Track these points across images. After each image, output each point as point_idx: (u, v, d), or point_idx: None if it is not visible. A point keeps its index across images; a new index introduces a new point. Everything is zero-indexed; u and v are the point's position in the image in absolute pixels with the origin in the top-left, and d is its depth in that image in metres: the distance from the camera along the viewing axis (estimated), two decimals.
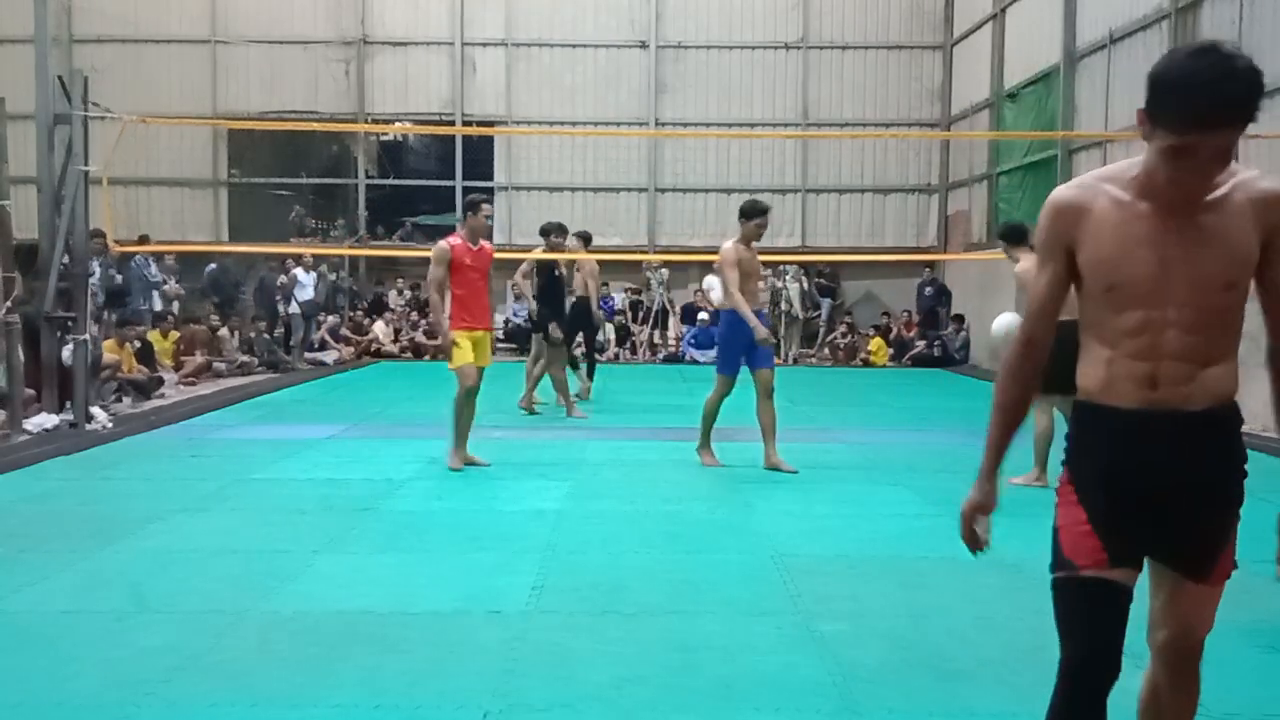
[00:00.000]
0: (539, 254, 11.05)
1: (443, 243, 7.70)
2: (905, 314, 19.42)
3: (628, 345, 18.99)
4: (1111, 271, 2.35)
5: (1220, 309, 2.54)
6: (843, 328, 19.14)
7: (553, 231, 10.75)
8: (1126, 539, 2.50)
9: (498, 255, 8.37)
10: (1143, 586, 2.60)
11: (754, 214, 8.17)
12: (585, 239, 11.89)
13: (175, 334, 13.93)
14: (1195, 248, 2.32)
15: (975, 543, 2.81)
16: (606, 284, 19.36)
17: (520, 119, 19.95)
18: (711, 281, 19.22)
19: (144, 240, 11.91)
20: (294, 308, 16.43)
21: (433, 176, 21.60)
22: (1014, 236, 7.65)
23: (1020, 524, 6.22)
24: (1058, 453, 2.58)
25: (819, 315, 19.64)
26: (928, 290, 19.10)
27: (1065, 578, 2.48)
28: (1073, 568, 2.46)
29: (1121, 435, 2.47)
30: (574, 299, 11.32)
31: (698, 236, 20.12)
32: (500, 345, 17.63)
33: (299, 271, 16.54)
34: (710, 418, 8.07)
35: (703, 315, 18.59)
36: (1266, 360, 2.74)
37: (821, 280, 19.82)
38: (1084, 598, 2.52)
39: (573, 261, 11.19)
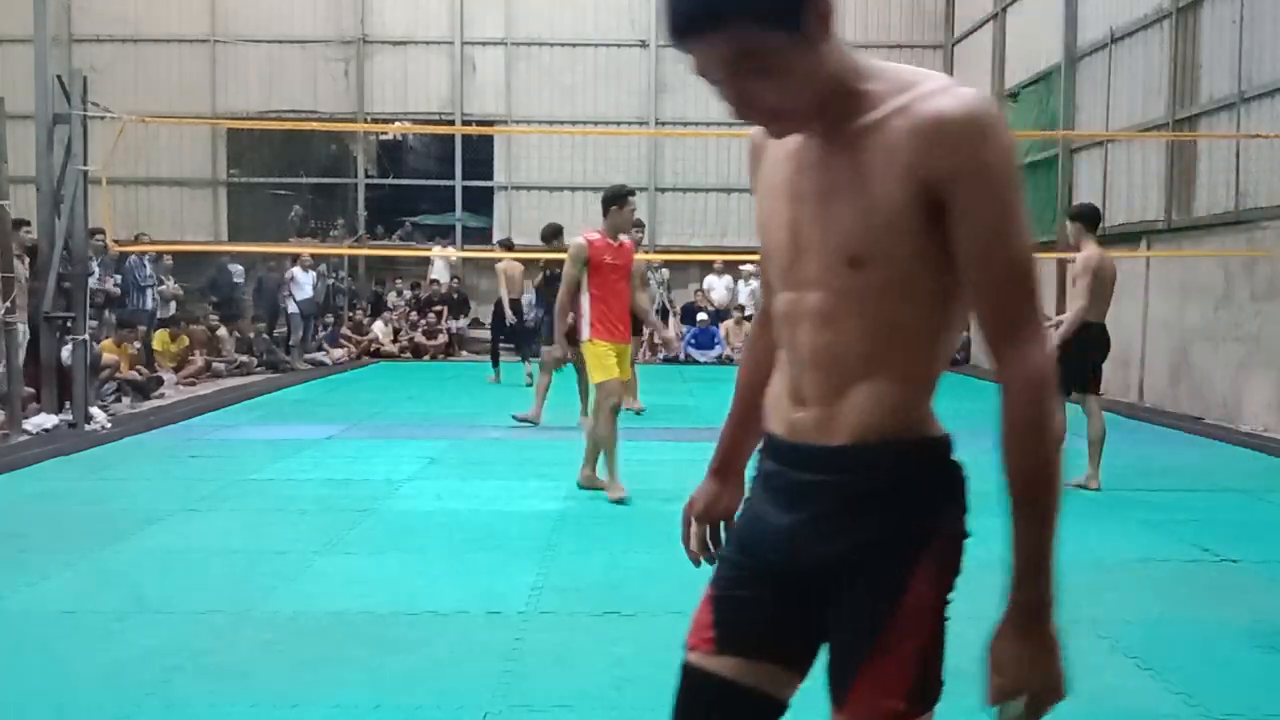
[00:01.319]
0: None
1: (580, 238, 6.77)
2: None
3: None
4: (761, 235, 1.66)
5: (852, 295, 1.52)
6: None
7: (552, 235, 10.82)
8: (747, 619, 1.76)
9: (494, 255, 8.33)
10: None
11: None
12: (507, 245, 11.93)
13: (185, 339, 13.92)
14: (823, 204, 1.51)
15: (689, 552, 2.14)
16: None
17: (520, 118, 19.95)
18: (712, 281, 19.26)
19: (140, 239, 11.88)
20: (293, 308, 16.43)
21: (432, 176, 21.60)
22: (1089, 218, 7.17)
23: None
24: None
25: None
26: None
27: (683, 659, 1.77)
28: (685, 646, 1.79)
29: (764, 473, 1.74)
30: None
31: (698, 236, 20.11)
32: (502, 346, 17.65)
33: (297, 270, 16.54)
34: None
35: (702, 315, 18.59)
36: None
37: None
38: (680, 690, 1.81)
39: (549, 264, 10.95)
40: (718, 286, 19.07)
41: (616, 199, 6.79)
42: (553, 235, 10.87)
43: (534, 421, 10.01)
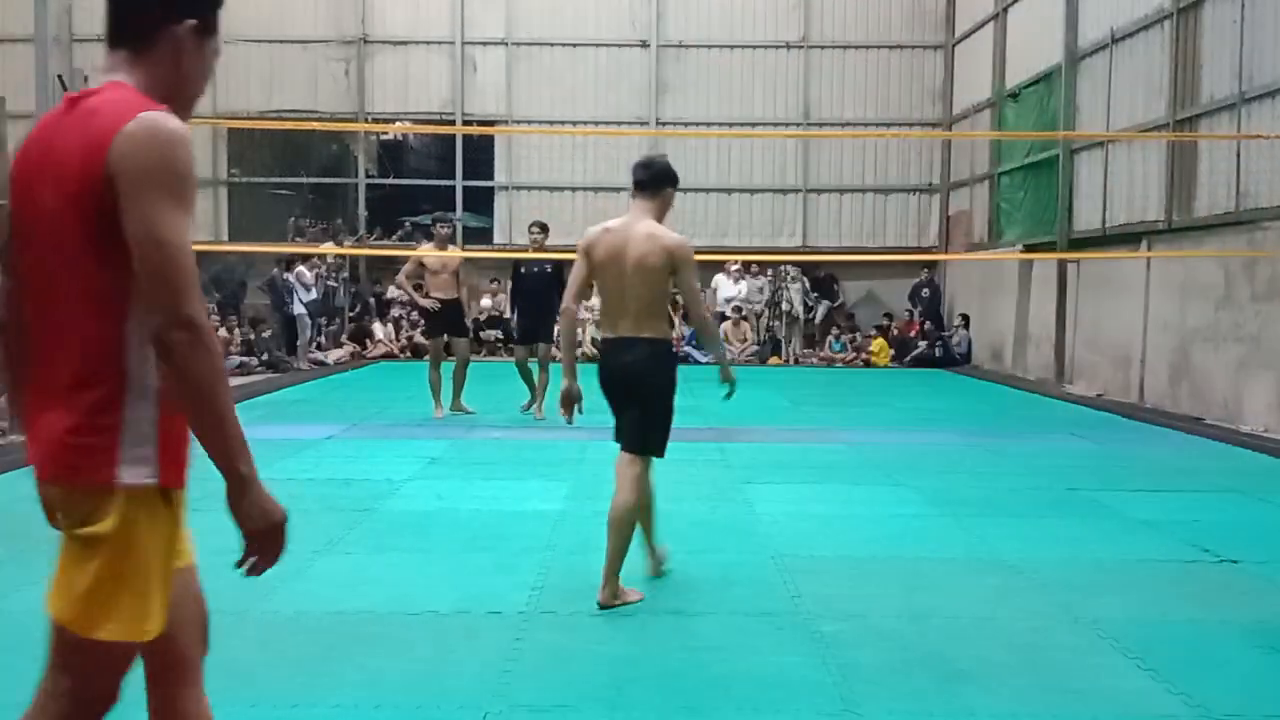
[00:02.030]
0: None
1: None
2: (907, 314, 19.43)
3: None
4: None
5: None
6: (849, 336, 19.10)
7: (540, 229, 10.71)
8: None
9: (493, 255, 8.33)
10: None
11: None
12: (446, 237, 11.35)
13: None
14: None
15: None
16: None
17: (521, 118, 19.95)
18: (717, 280, 19.26)
19: None
20: (299, 309, 16.44)
21: (433, 176, 21.60)
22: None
23: (1020, 524, 6.24)
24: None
25: (814, 316, 19.56)
26: (925, 292, 19.10)
27: None
28: None
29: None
30: (443, 301, 10.65)
31: (699, 236, 20.08)
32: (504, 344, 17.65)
33: (304, 269, 16.55)
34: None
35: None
36: None
37: (809, 279, 19.60)
38: None
39: (536, 261, 10.53)
40: (722, 286, 19.03)
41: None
42: (542, 229, 10.74)
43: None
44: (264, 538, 2.10)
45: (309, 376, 15.01)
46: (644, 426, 4.68)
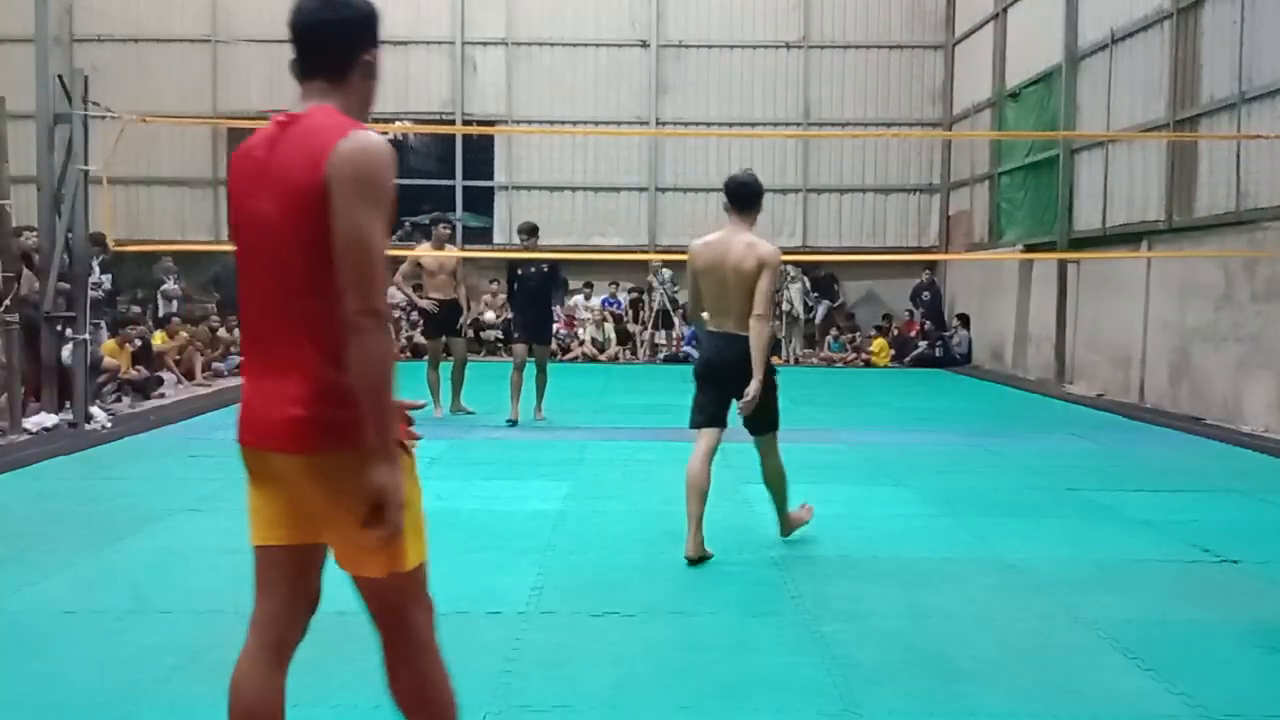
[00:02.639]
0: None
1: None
2: (908, 314, 19.42)
3: (629, 345, 18.97)
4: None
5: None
6: (848, 336, 19.09)
7: (529, 233, 10.60)
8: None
9: (492, 255, 8.30)
10: None
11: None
12: (444, 235, 11.34)
13: (183, 333, 13.89)
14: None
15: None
16: (573, 283, 19.39)
17: (521, 118, 19.95)
18: None
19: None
20: None
21: (433, 176, 21.60)
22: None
23: (1020, 524, 6.24)
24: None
25: (814, 316, 19.54)
26: (925, 294, 19.09)
27: None
28: None
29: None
30: (441, 301, 10.74)
31: (699, 236, 20.06)
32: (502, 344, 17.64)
33: None
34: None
35: (704, 315, 18.55)
36: None
37: (809, 278, 19.56)
38: None
39: (531, 262, 10.44)
40: None
41: None
42: (530, 232, 10.59)
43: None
44: (395, 510, 2.29)
45: None
46: (758, 411, 5.31)
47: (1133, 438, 9.97)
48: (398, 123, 20.65)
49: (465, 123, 19.71)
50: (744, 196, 5.51)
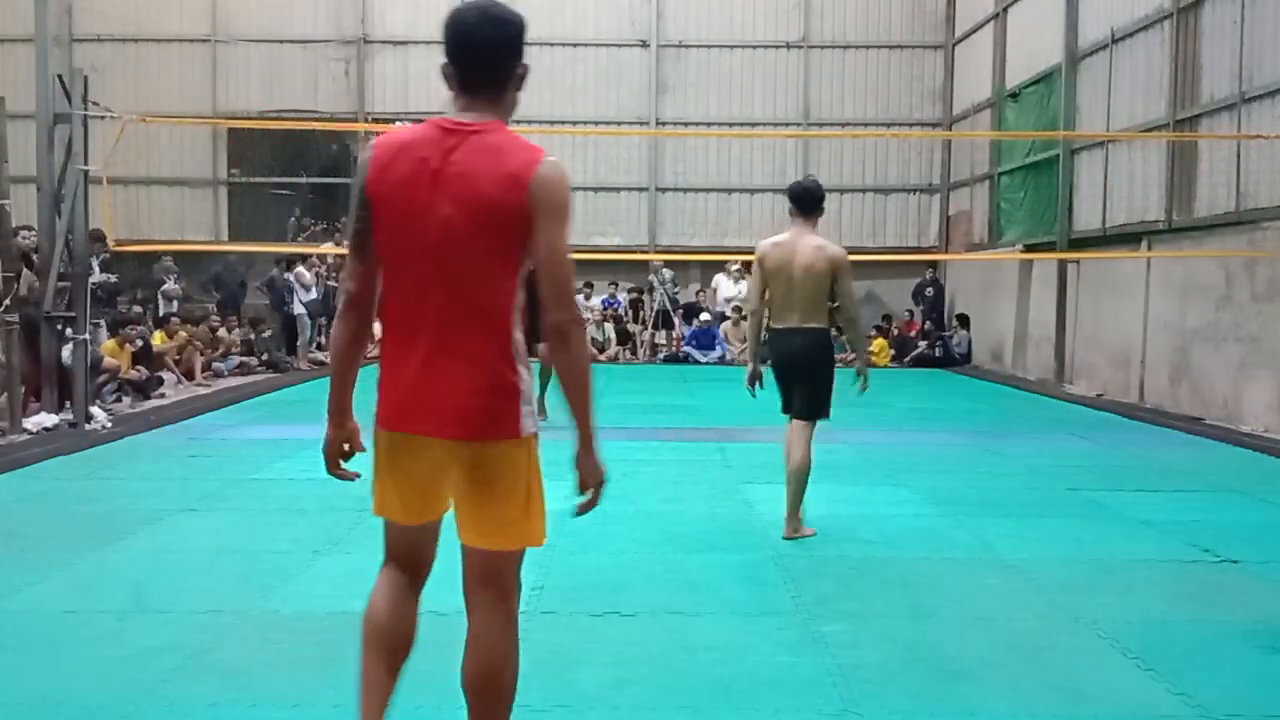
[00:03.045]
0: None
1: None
2: (907, 314, 19.41)
3: (629, 345, 18.97)
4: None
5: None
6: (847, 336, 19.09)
7: None
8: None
9: None
10: None
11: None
12: None
13: (182, 333, 13.89)
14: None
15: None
16: (589, 285, 19.37)
17: (520, 118, 19.59)
18: (717, 280, 19.25)
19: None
20: (299, 309, 16.44)
21: None
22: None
23: (1020, 524, 6.24)
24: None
25: None
26: (928, 291, 19.09)
27: None
28: None
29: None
30: None
31: (698, 236, 20.11)
32: None
33: (303, 270, 16.55)
34: None
35: (705, 315, 18.58)
36: None
37: None
38: None
39: None
40: (723, 285, 18.98)
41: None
42: None
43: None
44: (598, 487, 2.67)
45: (309, 376, 15.01)
46: (812, 398, 5.85)
47: (1133, 438, 9.97)
48: (397, 123, 20.64)
49: None
50: (807, 201, 5.86)
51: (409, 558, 2.76)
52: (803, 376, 5.84)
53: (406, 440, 2.57)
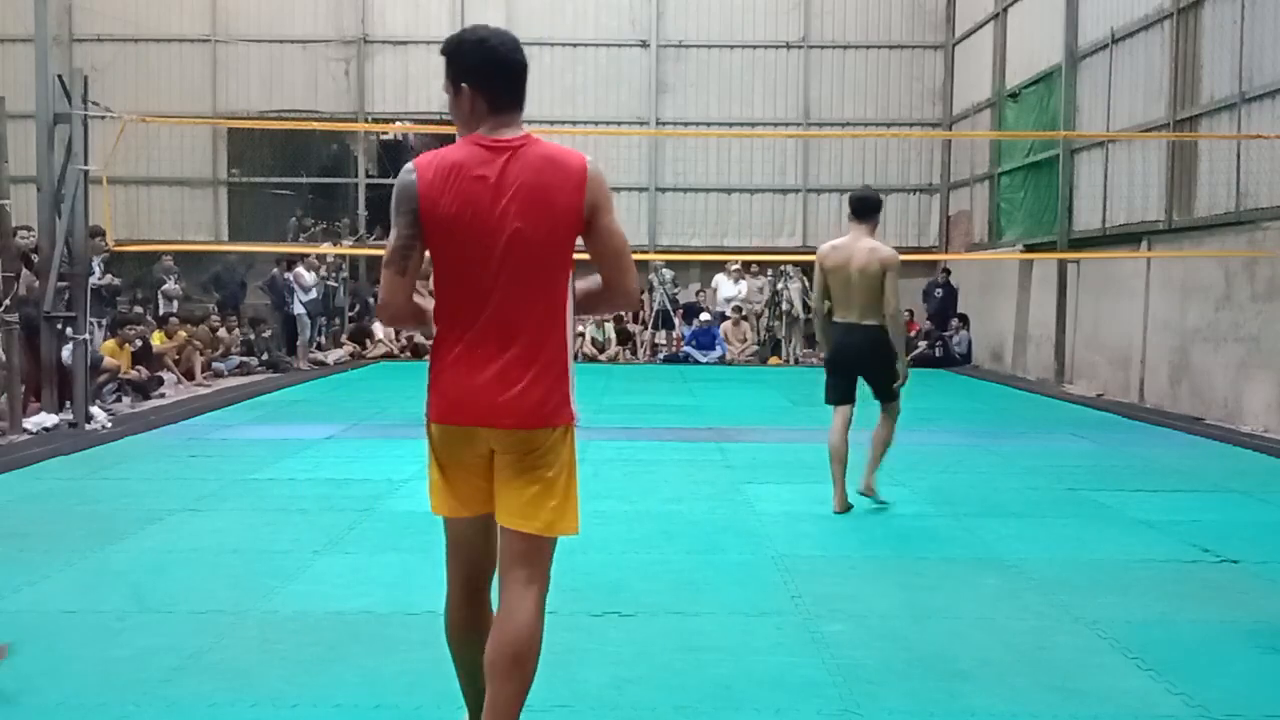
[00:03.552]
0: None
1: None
2: (907, 314, 19.37)
3: (629, 345, 18.97)
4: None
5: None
6: None
7: None
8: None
9: None
10: None
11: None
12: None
13: (182, 333, 13.89)
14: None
15: None
16: None
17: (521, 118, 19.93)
18: (717, 280, 19.26)
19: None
20: (298, 309, 16.44)
21: None
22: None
23: (1020, 524, 6.24)
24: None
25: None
26: (938, 292, 19.04)
27: None
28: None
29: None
30: None
31: (698, 236, 20.11)
32: None
33: (302, 270, 16.55)
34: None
35: (705, 315, 18.58)
36: None
37: (809, 278, 19.55)
38: None
39: None
40: (723, 285, 18.98)
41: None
42: None
43: None
44: None
45: (309, 376, 15.01)
46: (880, 384, 6.55)
47: (1133, 438, 9.96)
48: (398, 123, 20.66)
49: None
50: (863, 209, 6.55)
51: (472, 555, 2.87)
52: (865, 368, 6.48)
53: (466, 432, 2.73)
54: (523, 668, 2.76)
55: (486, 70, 2.77)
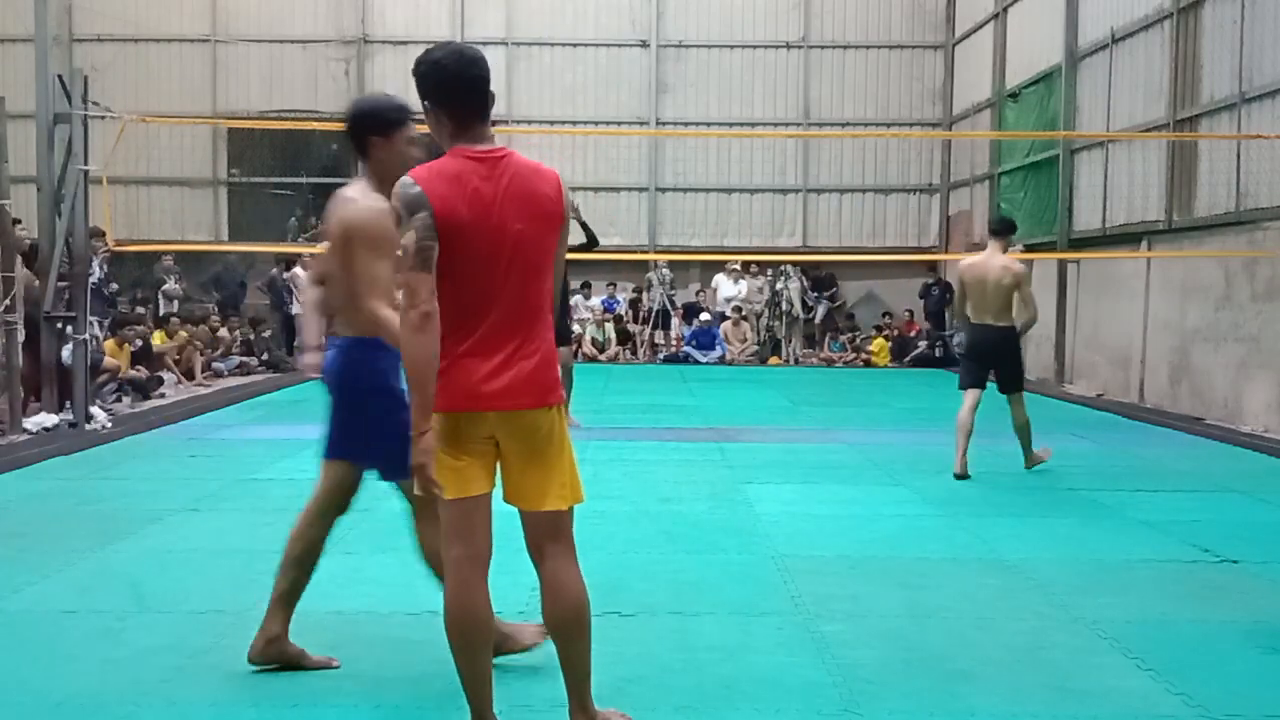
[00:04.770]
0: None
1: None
2: (907, 314, 19.40)
3: (629, 345, 18.97)
4: None
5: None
6: (847, 336, 19.08)
7: None
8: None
9: None
10: None
11: None
12: None
13: (183, 333, 13.89)
14: None
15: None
16: (588, 285, 19.39)
17: (521, 118, 19.95)
18: (717, 280, 19.26)
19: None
20: (296, 308, 16.43)
21: None
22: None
23: (1020, 524, 6.24)
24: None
25: (814, 316, 19.53)
26: (934, 291, 19.04)
27: None
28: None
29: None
30: None
31: (698, 236, 20.11)
32: None
33: (299, 270, 16.54)
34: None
35: (704, 315, 18.58)
36: None
37: (809, 278, 19.51)
38: None
39: None
40: (724, 285, 18.97)
41: None
42: None
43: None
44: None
45: (308, 377, 14.99)
46: (1010, 375, 7.92)
47: (1133, 438, 9.97)
48: None
49: None
50: (1000, 228, 8.07)
51: (474, 534, 3.03)
52: (997, 361, 7.81)
53: (471, 418, 2.96)
54: (583, 624, 3.08)
55: (444, 89, 2.95)
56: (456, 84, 2.94)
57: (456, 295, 2.92)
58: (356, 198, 3.66)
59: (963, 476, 7.56)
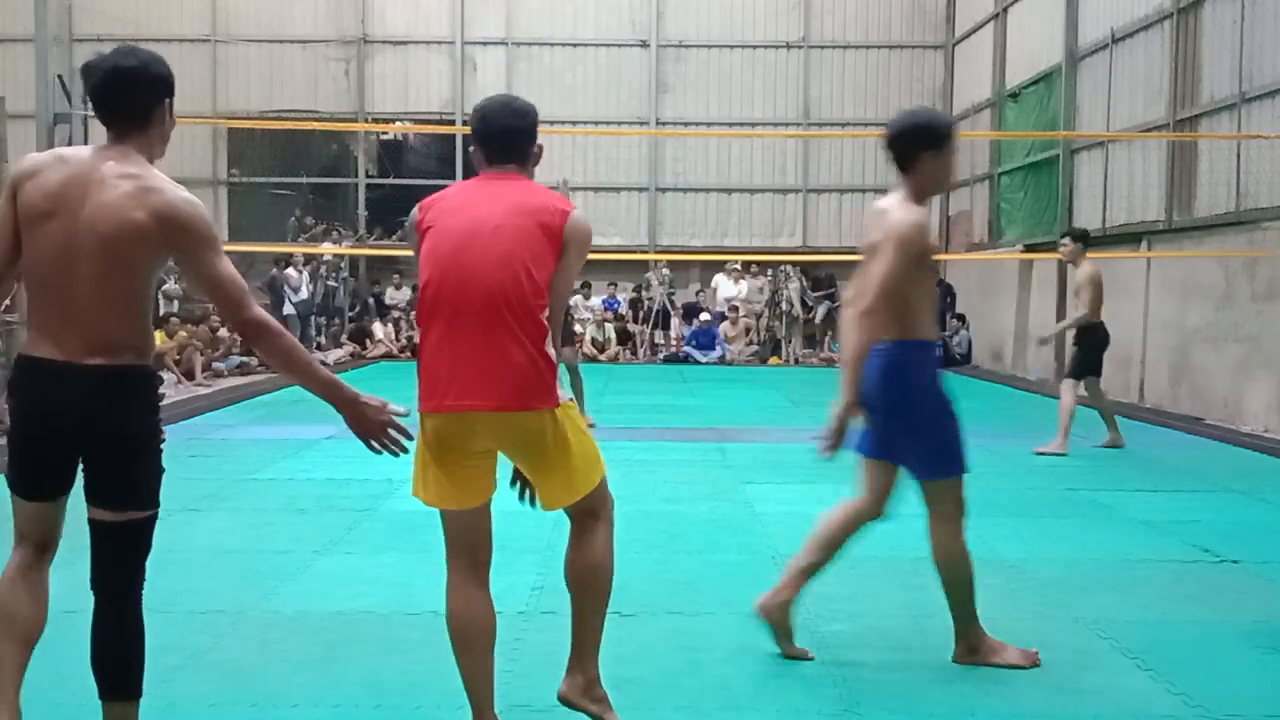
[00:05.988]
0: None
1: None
2: None
3: (629, 345, 18.97)
4: None
5: None
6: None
7: None
8: None
9: None
10: None
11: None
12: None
13: (182, 333, 13.89)
14: None
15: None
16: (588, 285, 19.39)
17: None
18: (717, 280, 19.26)
19: None
20: (289, 309, 16.45)
21: (433, 176, 21.56)
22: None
23: (1020, 524, 6.24)
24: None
25: (814, 316, 19.52)
26: (934, 291, 19.01)
27: None
28: None
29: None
30: None
31: (698, 236, 20.11)
32: None
33: (290, 272, 16.57)
34: None
35: (704, 315, 18.58)
36: None
37: (810, 278, 19.51)
38: None
39: None
40: (723, 285, 18.97)
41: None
42: None
43: None
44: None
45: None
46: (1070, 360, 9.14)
47: (1133, 438, 9.95)
48: (398, 123, 20.67)
49: (465, 123, 19.68)
50: (1081, 238, 8.97)
51: (469, 542, 3.11)
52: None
53: (458, 418, 3.08)
54: (601, 583, 3.16)
55: (481, 135, 3.27)
56: (491, 135, 3.27)
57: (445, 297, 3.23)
58: (893, 208, 4.05)
59: (1114, 445, 9.03)
